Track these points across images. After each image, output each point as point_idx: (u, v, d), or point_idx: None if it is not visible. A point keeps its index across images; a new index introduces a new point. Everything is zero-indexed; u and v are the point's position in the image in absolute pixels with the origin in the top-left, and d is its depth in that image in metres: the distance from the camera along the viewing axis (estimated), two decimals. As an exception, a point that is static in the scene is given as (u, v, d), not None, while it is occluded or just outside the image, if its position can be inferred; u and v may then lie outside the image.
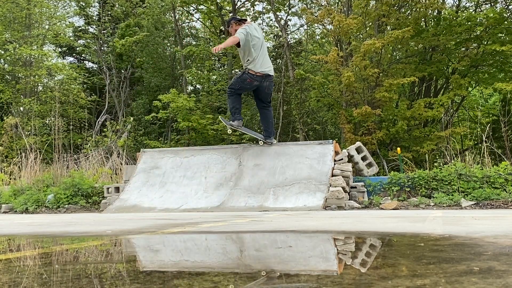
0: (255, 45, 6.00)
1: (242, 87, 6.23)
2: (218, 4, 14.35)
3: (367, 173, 6.34)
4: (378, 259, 1.78)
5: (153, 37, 15.13)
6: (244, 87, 6.23)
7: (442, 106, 10.12)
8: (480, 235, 2.35)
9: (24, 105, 13.65)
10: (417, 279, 1.29)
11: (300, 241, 2.39)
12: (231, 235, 2.80)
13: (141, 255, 2.13)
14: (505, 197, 5.31)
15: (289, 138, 13.54)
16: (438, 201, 5.43)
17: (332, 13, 10.44)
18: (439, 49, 10.77)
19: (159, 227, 3.33)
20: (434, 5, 10.18)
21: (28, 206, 6.78)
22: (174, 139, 13.89)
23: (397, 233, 2.63)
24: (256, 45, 6.01)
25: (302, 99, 13.13)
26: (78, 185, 6.94)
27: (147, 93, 15.49)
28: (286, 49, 13.41)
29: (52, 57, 15.82)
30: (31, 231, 3.41)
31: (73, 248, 2.29)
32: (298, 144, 6.62)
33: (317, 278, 1.38)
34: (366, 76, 9.60)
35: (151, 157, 6.92)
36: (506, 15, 10.55)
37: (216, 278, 1.42)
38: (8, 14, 14.36)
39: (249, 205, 5.62)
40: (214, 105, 14.04)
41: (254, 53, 5.98)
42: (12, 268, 1.70)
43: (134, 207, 6.07)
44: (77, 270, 1.62)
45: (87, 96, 15.72)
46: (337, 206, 5.36)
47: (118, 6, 16.19)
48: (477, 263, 1.52)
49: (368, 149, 8.14)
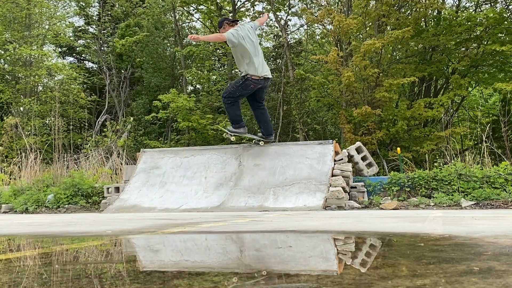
0: (251, 47, 5.77)
1: (243, 94, 6.01)
2: (218, 4, 14.35)
3: (367, 173, 6.34)
4: (378, 259, 1.78)
5: (153, 37, 15.14)
6: (246, 93, 6.02)
7: (442, 106, 10.12)
8: (480, 235, 2.35)
9: (24, 105, 13.65)
10: (417, 279, 1.29)
11: (300, 241, 2.39)
12: (231, 235, 2.80)
13: (141, 255, 2.13)
14: (505, 197, 5.31)
15: (289, 138, 13.53)
16: (438, 201, 5.43)
17: (332, 13, 10.44)
18: (439, 49, 10.77)
19: (159, 227, 3.33)
20: (434, 5, 10.18)
21: (28, 206, 6.78)
22: (174, 139, 13.89)
23: (397, 233, 2.63)
24: (252, 48, 5.79)
25: (302, 99, 13.13)
26: (78, 185, 6.94)
27: (147, 93, 15.49)
28: (286, 49, 13.41)
29: (52, 57, 15.82)
30: (31, 231, 3.41)
31: (73, 248, 2.29)
32: (298, 144, 6.62)
33: (317, 278, 1.38)
34: (366, 76, 9.60)
35: (151, 157, 6.92)
36: (506, 15, 10.55)
37: (216, 278, 1.42)
38: (8, 14, 14.36)
39: (249, 205, 5.63)
40: (214, 105, 14.03)
41: (253, 56, 5.77)
42: (12, 268, 1.70)
43: (134, 207, 6.08)
44: (77, 270, 1.62)
45: (87, 96, 15.72)
46: (337, 206, 5.36)
47: (118, 6, 16.20)
48: (477, 263, 1.52)
49: (368, 149, 8.14)
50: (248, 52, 5.76)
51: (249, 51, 5.76)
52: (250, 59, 5.78)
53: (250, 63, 5.79)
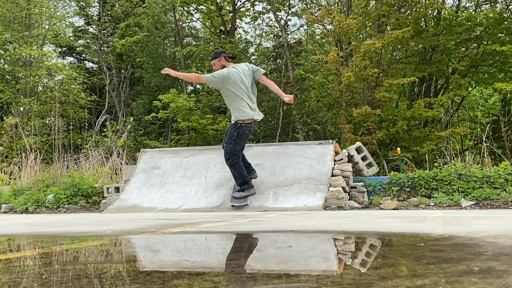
0: (241, 90, 5.27)
1: (243, 144, 5.43)
2: (218, 4, 14.35)
3: (367, 173, 6.34)
4: (378, 259, 1.78)
5: (153, 37, 15.14)
6: (245, 141, 5.46)
7: (442, 106, 10.12)
8: (480, 235, 2.35)
9: (24, 105, 13.65)
10: (417, 279, 1.29)
11: (300, 241, 2.39)
12: (231, 235, 2.80)
13: (141, 255, 2.13)
14: (505, 197, 5.31)
15: (289, 138, 13.54)
16: (438, 201, 5.43)
17: (332, 13, 10.44)
18: (439, 49, 10.77)
19: (159, 227, 3.33)
20: (434, 5, 10.18)
21: (28, 206, 6.78)
22: (174, 139, 13.89)
23: (397, 233, 2.63)
24: (242, 91, 5.28)
25: (302, 99, 13.13)
26: (78, 185, 6.94)
27: (147, 93, 15.49)
28: (286, 49, 13.41)
29: (52, 57, 15.82)
30: (31, 231, 3.41)
31: (73, 248, 2.29)
32: (298, 144, 6.62)
33: (317, 278, 1.38)
34: (366, 76, 9.60)
35: (151, 157, 6.92)
36: (506, 15, 10.55)
37: (216, 278, 1.42)
38: (8, 14, 14.37)
39: (249, 205, 5.63)
40: (214, 105, 14.04)
41: (244, 99, 5.28)
42: (12, 268, 1.70)
43: (134, 207, 6.08)
44: (77, 270, 1.62)
45: (87, 96, 15.72)
46: (337, 206, 5.36)
47: (118, 6, 16.20)
48: (477, 263, 1.52)
49: (368, 149, 8.14)
50: (236, 96, 5.27)
51: (237, 95, 5.26)
52: (240, 102, 5.27)
53: (241, 106, 5.28)
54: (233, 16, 14.66)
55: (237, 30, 16.23)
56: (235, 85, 5.25)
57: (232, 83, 5.24)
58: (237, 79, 5.26)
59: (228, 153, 5.39)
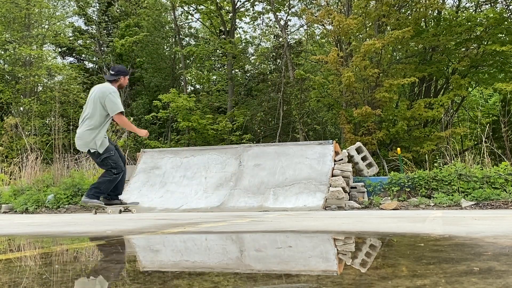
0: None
1: (117, 158, 5.21)
2: (218, 4, 14.36)
3: (367, 173, 6.34)
4: (378, 259, 1.78)
5: (153, 37, 15.16)
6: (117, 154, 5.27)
7: (442, 107, 10.13)
8: (480, 235, 2.35)
9: (24, 105, 13.66)
10: (417, 279, 1.29)
11: (300, 241, 2.39)
12: (231, 235, 2.80)
13: (141, 255, 2.13)
14: (505, 197, 5.31)
15: (289, 138, 13.54)
16: (438, 201, 5.43)
17: (332, 13, 10.45)
18: (439, 49, 10.77)
19: (159, 227, 3.33)
20: (434, 5, 10.18)
21: (28, 206, 6.78)
22: (174, 139, 13.90)
23: (397, 233, 2.63)
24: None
25: (302, 99, 13.14)
26: (78, 185, 6.94)
27: (147, 93, 15.50)
28: (286, 49, 13.41)
29: (52, 57, 15.82)
30: (31, 231, 3.41)
31: (73, 248, 2.29)
32: (298, 144, 6.62)
33: (317, 278, 1.38)
34: (366, 76, 9.61)
35: (151, 157, 6.92)
36: (506, 15, 10.55)
37: (216, 278, 1.42)
38: (7, 14, 14.37)
39: (249, 205, 5.63)
40: (214, 105, 14.05)
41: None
42: (12, 268, 1.70)
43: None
44: (77, 270, 1.62)
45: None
46: (337, 206, 5.36)
47: (118, 6, 16.20)
48: (477, 263, 1.52)
49: (368, 149, 8.14)
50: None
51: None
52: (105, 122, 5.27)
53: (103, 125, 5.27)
54: (233, 16, 14.66)
55: (237, 30, 16.25)
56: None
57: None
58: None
59: (112, 167, 5.17)
